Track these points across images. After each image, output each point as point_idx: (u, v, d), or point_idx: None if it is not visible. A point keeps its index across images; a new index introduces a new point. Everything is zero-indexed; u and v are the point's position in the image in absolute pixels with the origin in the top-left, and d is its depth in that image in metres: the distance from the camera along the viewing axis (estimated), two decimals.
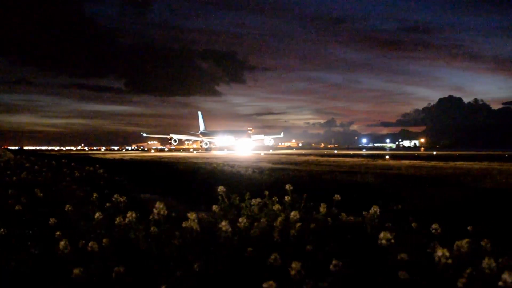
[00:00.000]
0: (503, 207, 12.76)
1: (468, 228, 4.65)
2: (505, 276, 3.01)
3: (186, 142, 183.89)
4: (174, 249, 4.44)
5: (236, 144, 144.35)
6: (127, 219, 4.87)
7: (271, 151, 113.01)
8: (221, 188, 5.96)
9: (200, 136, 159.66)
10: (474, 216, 11.08)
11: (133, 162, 41.58)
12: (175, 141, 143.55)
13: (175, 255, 4.31)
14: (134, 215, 4.88)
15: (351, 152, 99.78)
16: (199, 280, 3.90)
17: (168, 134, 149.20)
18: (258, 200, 5.94)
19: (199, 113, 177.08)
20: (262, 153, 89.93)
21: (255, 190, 7.46)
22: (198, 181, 20.24)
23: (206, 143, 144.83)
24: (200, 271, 3.95)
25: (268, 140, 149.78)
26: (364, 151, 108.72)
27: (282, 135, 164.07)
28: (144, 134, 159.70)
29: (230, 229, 4.52)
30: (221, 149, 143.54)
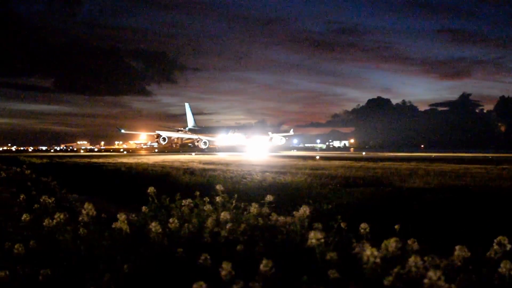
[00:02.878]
0: (428, 206, 13.08)
1: (395, 227, 4.75)
2: (431, 273, 3.08)
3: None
4: (104, 250, 4.39)
5: (247, 143, 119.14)
6: (55, 221, 4.79)
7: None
8: (151, 189, 5.91)
9: (189, 133, 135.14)
10: (401, 214, 11.33)
11: (63, 162, 40.88)
12: (163, 139, 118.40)
13: (105, 256, 4.26)
14: (62, 216, 4.80)
15: (284, 152, 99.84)
16: (129, 281, 3.87)
17: (154, 131, 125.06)
18: (189, 200, 5.91)
19: (187, 105, 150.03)
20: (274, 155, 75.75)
21: (187, 190, 7.43)
22: (129, 182, 20.07)
23: (205, 142, 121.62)
24: (129, 272, 3.92)
25: (279, 138, 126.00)
26: (295, 151, 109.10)
27: (292, 132, 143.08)
28: (122, 130, 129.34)
29: (160, 230, 4.49)
30: (220, 149, 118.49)
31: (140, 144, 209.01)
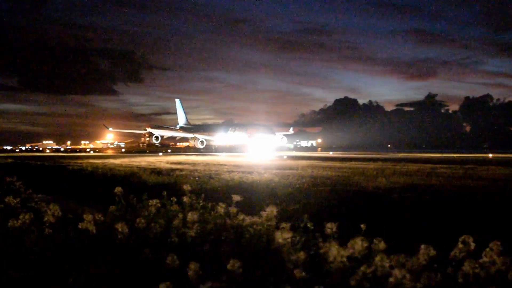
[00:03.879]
0: (395, 205, 13.18)
1: (362, 226, 4.77)
2: (396, 272, 3.12)
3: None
4: (70, 251, 4.35)
5: (249, 143, 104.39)
6: (20, 221, 4.74)
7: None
8: (118, 189, 5.88)
9: (181, 131, 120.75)
10: (368, 214, 11.40)
11: (28, 162, 40.44)
12: (156, 138, 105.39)
13: (71, 257, 4.23)
14: (27, 217, 4.75)
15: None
16: (96, 282, 3.85)
17: (144, 129, 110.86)
18: (156, 200, 5.89)
19: (178, 101, 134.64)
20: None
21: (155, 191, 7.40)
22: (97, 182, 19.93)
23: (202, 142, 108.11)
24: (96, 273, 3.90)
25: (281, 138, 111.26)
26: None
27: (292, 131, 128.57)
28: (110, 129, 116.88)
29: (127, 230, 4.47)
30: (217, 149, 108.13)
31: (107, 143, 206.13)
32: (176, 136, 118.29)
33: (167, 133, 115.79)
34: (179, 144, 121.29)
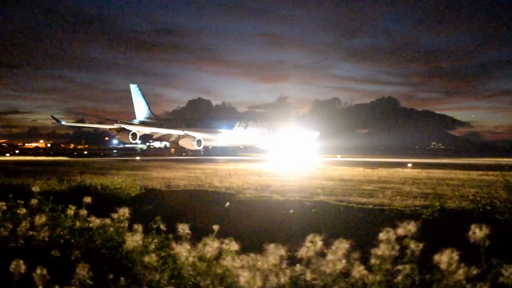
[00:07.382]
0: (246, 205, 13.37)
1: (214, 227, 4.81)
2: (246, 272, 3.17)
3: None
4: None
5: (265, 143, 76.54)
6: None
7: None
8: None
9: (139, 126, 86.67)
10: (220, 214, 11.53)
11: None
12: (133, 136, 74.48)
13: None
14: None
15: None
16: None
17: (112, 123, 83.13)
18: (1, 203, 5.66)
19: (134, 87, 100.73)
20: None
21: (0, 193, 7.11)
22: None
23: (198, 141, 75.03)
24: None
25: (311, 136, 77.60)
26: (114, 152, 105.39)
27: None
28: (63, 122, 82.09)
29: None
30: (209, 153, 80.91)
31: None
32: (153, 133, 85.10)
33: (145, 130, 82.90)
34: (26, 145, 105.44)
